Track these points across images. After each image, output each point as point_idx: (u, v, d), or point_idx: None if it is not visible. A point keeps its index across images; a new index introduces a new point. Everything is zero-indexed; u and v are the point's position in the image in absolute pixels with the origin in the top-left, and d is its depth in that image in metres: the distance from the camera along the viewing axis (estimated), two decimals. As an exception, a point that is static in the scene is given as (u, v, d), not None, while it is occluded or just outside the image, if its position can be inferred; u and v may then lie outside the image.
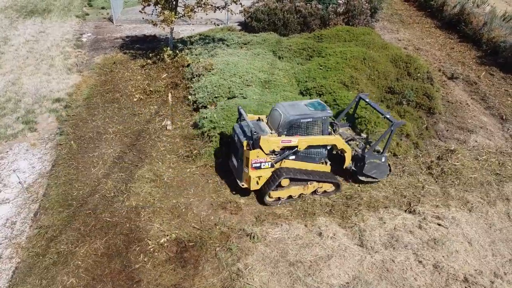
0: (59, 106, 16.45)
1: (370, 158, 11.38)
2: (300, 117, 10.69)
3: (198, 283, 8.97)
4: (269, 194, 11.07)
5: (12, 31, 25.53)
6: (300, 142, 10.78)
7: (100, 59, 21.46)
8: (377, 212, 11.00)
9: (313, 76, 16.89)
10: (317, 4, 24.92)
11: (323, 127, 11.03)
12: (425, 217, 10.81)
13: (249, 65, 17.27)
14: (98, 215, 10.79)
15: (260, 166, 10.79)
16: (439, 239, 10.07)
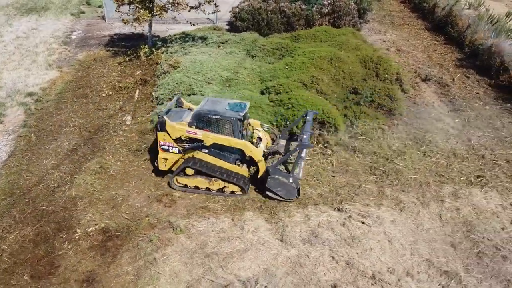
0: (30, 100, 17.14)
1: (275, 174, 11.09)
2: (209, 113, 10.98)
3: (112, 270, 9.36)
4: (176, 179, 11.66)
5: (6, 27, 26.49)
6: (205, 136, 11.10)
7: (83, 56, 22.15)
8: (305, 209, 11.19)
9: (277, 75, 17.12)
10: (301, 5, 25.06)
11: (233, 128, 11.03)
12: (350, 215, 10.94)
13: (215, 64, 17.61)
14: (37, 203, 11.31)
15: (168, 149, 11.48)
16: (357, 237, 10.20)
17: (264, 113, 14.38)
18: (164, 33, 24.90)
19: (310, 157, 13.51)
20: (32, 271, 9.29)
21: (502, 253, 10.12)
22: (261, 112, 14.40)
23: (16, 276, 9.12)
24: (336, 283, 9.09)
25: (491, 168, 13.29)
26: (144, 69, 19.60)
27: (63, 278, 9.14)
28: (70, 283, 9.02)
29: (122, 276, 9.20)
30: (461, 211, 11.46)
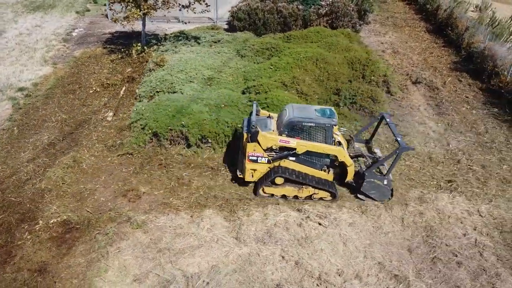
0: (20, 94, 17.65)
1: (370, 177, 11.21)
2: (303, 120, 10.85)
3: (65, 261, 9.62)
4: (263, 189, 11.46)
5: (12, 24, 27.29)
6: (298, 145, 10.90)
7: (79, 53, 22.64)
8: (265, 208, 11.24)
9: (261, 75, 17.20)
10: (298, 5, 25.04)
11: (326, 134, 10.97)
12: (309, 215, 10.95)
13: (200, 63, 17.81)
14: (5, 195, 11.69)
15: (256, 160, 11.21)
16: (310, 237, 10.21)
17: (239, 112, 14.46)
18: (163, 32, 25.20)
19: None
20: (-13, 260, 9.61)
21: (457, 259, 9.98)
22: (236, 111, 14.48)
23: (-31, 264, 9.46)
24: (281, 283, 9.13)
25: (465, 173, 13.08)
26: (135, 66, 19.92)
27: (17, 267, 9.44)
28: (23, 272, 9.30)
29: (74, 267, 9.45)
30: (424, 215, 11.33)
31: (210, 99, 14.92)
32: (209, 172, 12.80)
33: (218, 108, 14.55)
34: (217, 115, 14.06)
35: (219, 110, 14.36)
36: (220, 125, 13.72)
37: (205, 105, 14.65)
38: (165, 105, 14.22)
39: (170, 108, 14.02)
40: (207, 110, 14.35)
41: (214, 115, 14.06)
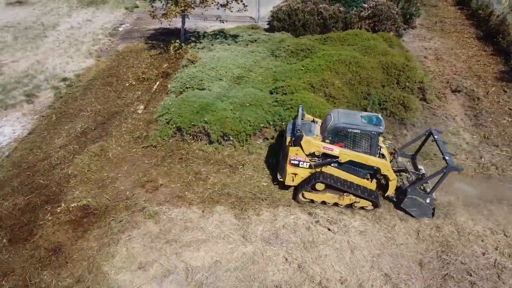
0: (63, 84, 18.74)
1: (412, 194, 10.86)
2: (348, 126, 10.61)
3: (78, 244, 10.14)
4: (303, 194, 11.39)
5: (65, 18, 28.97)
6: (342, 153, 10.73)
7: (122, 47, 23.64)
8: (276, 209, 11.23)
9: (291, 76, 17.15)
10: (340, 7, 24.70)
11: (371, 142, 10.66)
12: (318, 220, 10.81)
13: (231, 61, 18.03)
14: (36, 177, 12.49)
15: (298, 164, 11.09)
16: (316, 242, 10.08)
17: (263, 111, 14.51)
18: (204, 30, 25.66)
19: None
20: (11, 236, 10.33)
21: (471, 279, 9.47)
22: (261, 110, 14.54)
23: (-5, 238, 10.21)
24: (281, 284, 9.10)
25: (494, 190, 12.33)
26: (171, 62, 20.50)
27: (35, 245, 10.07)
28: (40, 251, 9.91)
29: (86, 250, 9.93)
30: (442, 230, 10.84)
31: (236, 97, 15.08)
32: (227, 169, 12.95)
33: (242, 106, 14.67)
34: (240, 114, 14.19)
35: (244, 109, 14.48)
36: (242, 123, 13.83)
37: (230, 103, 14.83)
38: (191, 101, 14.54)
39: (195, 104, 14.32)
40: (231, 108, 14.52)
41: (238, 114, 14.20)
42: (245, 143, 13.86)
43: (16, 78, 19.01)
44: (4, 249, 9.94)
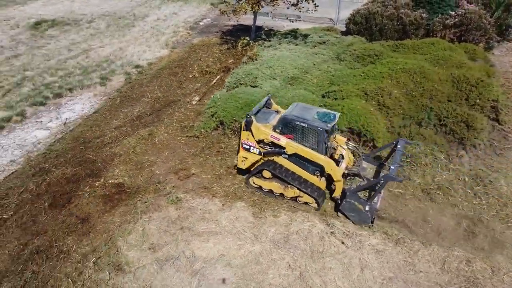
0: (135, 71, 20.27)
1: (351, 199, 10.61)
2: (296, 119, 10.66)
3: (104, 217, 10.98)
4: (253, 180, 11.78)
5: (155, 10, 31.18)
6: (288, 145, 10.82)
7: (197, 41, 24.84)
8: (294, 214, 11.02)
9: (348, 81, 16.62)
10: (423, 13, 23.26)
11: (318, 138, 10.56)
12: (335, 231, 10.39)
13: (290, 61, 17.97)
14: (87, 152, 13.76)
15: (249, 149, 11.43)
16: (324, 253, 9.72)
17: (308, 115, 14.26)
18: (279, 29, 25.83)
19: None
20: (52, 201, 11.54)
21: (491, 324, 8.42)
22: (305, 113, 14.32)
23: (39, 201, 11.48)
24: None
25: (551, 230, 10.78)
26: (236, 58, 21.05)
27: (69, 212, 11.14)
28: (71, 218, 10.94)
29: (108, 224, 10.73)
30: (472, 264, 9.76)
31: (283, 97, 15.03)
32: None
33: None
34: (284, 114, 14.10)
35: (289, 110, 14.37)
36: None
37: (278, 103, 14.78)
38: (237, 97, 14.82)
39: (241, 101, 14.57)
40: (277, 107, 14.49)
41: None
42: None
43: (98, 62, 20.97)
44: (44, 212, 11.13)
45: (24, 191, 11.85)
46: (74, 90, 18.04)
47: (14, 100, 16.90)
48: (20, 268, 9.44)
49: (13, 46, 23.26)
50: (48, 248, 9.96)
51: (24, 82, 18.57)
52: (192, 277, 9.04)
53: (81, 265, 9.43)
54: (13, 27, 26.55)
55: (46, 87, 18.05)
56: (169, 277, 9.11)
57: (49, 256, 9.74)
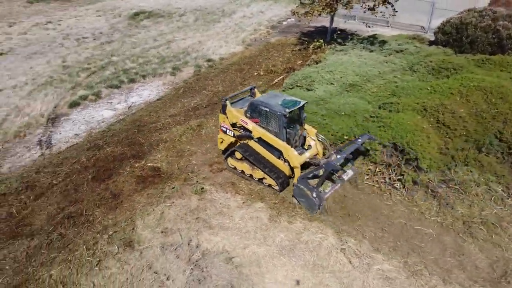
0: (206, 64, 21.25)
1: (301, 184, 10.82)
2: (260, 104, 11.28)
3: (133, 196, 11.77)
4: (228, 160, 12.59)
5: (243, 8, 32.23)
6: (254, 129, 11.58)
7: (274, 40, 25.14)
8: (310, 223, 10.68)
9: (411, 93, 15.57)
10: (525, 27, 20.73)
11: (278, 123, 11.05)
12: (346, 248, 9.85)
13: (354, 68, 17.33)
14: (138, 134, 14.86)
15: (226, 131, 12.47)
16: (327, 268, 9.32)
17: (354, 124, 13.68)
18: (364, 33, 24.90)
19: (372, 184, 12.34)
20: (96, 174, 12.72)
21: None
22: (353, 122, 13.75)
23: (85, 173, 12.74)
24: (267, 295, 8.87)
25: None
26: (305, 60, 20.88)
27: (106, 187, 12.18)
28: (106, 191, 11.95)
29: (134, 203, 11.51)
30: (495, 314, 8.60)
31: (334, 104, 14.60)
32: (292, 171, 12.84)
33: (337, 114, 14.14)
34: (329, 121, 13.73)
35: (335, 117, 13.95)
36: (325, 130, 13.39)
37: (326, 109, 14.45)
38: (286, 98, 14.73)
39: (289, 102, 14.45)
40: (323, 113, 14.15)
41: (327, 120, 13.77)
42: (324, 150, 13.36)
43: (175, 53, 22.38)
44: (86, 183, 12.34)
45: (75, 162, 13.22)
46: (147, 77, 19.48)
47: (95, 81, 18.84)
48: (51, 229, 10.59)
49: (110, 33, 25.83)
50: (78, 216, 11.01)
51: (108, 66, 20.56)
52: (187, 266, 9.32)
53: (99, 236, 10.26)
54: (116, 16, 29.44)
55: (124, 72, 19.76)
56: (168, 262, 9.51)
57: (76, 223, 10.76)
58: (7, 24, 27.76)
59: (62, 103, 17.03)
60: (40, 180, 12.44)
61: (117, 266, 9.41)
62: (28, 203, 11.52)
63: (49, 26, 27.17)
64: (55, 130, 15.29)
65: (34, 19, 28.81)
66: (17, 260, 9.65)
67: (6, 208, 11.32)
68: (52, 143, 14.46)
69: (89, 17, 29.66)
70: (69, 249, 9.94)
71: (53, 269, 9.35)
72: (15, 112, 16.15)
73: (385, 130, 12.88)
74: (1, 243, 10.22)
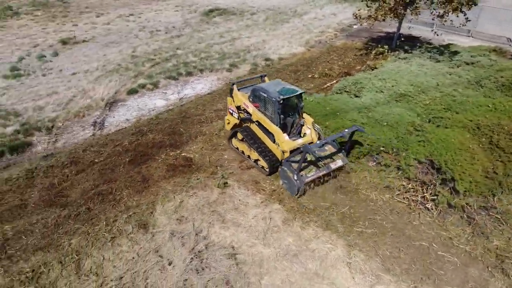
0: (263, 63, 21.47)
1: (285, 166, 11.62)
2: (260, 89, 12.07)
3: (160, 183, 12.30)
4: (232, 140, 13.65)
5: (316, 9, 32.00)
6: (254, 112, 12.49)
7: (339, 44, 24.63)
8: (324, 232, 10.34)
9: (467, 109, 14.38)
10: None
11: (273, 108, 11.70)
12: (352, 263, 9.45)
13: (409, 78, 16.39)
14: (181, 125, 15.51)
15: (232, 113, 13.49)
16: (326, 278, 9.02)
17: (394, 136, 12.98)
18: (440, 42, 23.36)
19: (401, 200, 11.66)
20: (133, 158, 13.55)
21: None
22: (392, 134, 13.07)
23: (124, 156, 13.62)
24: (259, 296, 8.85)
25: None
26: (366, 65, 20.15)
27: (139, 171, 12.91)
28: (138, 174, 12.65)
29: (160, 188, 12.06)
30: None
31: (378, 113, 13.99)
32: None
33: (378, 124, 13.54)
34: (369, 130, 13.19)
35: (376, 126, 13.36)
36: (361, 139, 12.91)
37: (367, 117, 13.91)
38: (328, 103, 14.45)
39: (329, 107, 14.18)
40: (364, 121, 13.64)
41: (366, 129, 13.24)
42: (356, 160, 12.90)
43: (237, 51, 22.91)
44: (122, 165, 13.20)
45: (118, 145, 14.20)
46: (204, 71, 20.20)
47: (156, 71, 19.99)
48: (82, 203, 11.52)
49: (182, 27, 27.17)
50: (108, 194, 11.84)
51: (171, 59, 21.69)
52: (188, 255, 9.58)
53: (120, 214, 10.96)
54: (191, 12, 30.86)
55: (185, 65, 20.71)
56: (174, 248, 9.86)
57: (104, 200, 11.59)
58: (95, 14, 30.48)
59: (122, 90, 18.32)
60: (85, 157, 13.55)
61: (128, 244, 9.96)
62: (70, 177, 12.62)
63: (130, 18, 29.31)
64: (110, 114, 16.52)
65: (120, 11, 31.26)
66: (46, 226, 10.64)
67: (50, 178, 12.51)
68: (104, 125, 15.65)
69: (167, 12, 31.44)
70: (92, 222, 10.72)
71: (74, 239, 10.16)
72: (81, 94, 17.73)
73: (424, 145, 12.04)
74: (39, 209, 11.34)
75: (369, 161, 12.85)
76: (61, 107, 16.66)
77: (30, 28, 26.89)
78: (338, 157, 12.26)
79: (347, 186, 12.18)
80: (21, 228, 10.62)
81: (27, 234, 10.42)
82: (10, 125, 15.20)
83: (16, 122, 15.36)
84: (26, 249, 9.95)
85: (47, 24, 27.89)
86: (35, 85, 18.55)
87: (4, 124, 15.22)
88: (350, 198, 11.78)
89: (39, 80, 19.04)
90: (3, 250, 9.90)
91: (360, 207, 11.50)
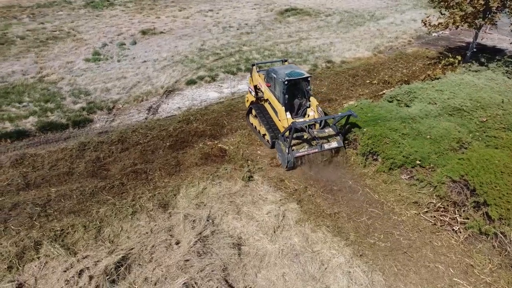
0: (324, 65, 21.29)
1: (279, 140, 12.92)
2: (271, 71, 13.40)
3: (191, 168, 12.92)
4: (249, 116, 15.21)
5: (396, 14, 30.88)
6: (265, 91, 13.92)
7: (411, 51, 23.56)
8: (332, 238, 10.20)
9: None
10: None
11: (279, 88, 12.93)
12: (351, 272, 9.20)
13: (473, 92, 15.17)
14: (225, 118, 16.06)
15: (250, 91, 14.92)
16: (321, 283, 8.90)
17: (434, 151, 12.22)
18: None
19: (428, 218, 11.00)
20: (173, 143, 14.37)
21: None
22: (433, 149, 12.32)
23: (165, 140, 14.50)
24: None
25: None
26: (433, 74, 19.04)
27: (175, 156, 13.66)
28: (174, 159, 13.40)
29: (189, 174, 12.69)
30: None
31: (424, 125, 13.24)
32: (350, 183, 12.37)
33: (421, 136, 12.85)
34: (408, 142, 12.60)
35: (418, 139, 12.68)
36: (396, 148, 12.39)
37: (411, 128, 13.23)
38: (372, 110, 13.99)
39: (370, 114, 13.74)
40: (405, 132, 13.01)
41: (406, 140, 12.67)
42: (388, 171, 12.40)
43: (301, 51, 22.98)
44: (162, 149, 14.10)
45: (164, 130, 15.16)
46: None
47: (217, 65, 20.86)
48: (119, 177, 12.58)
49: (254, 25, 27.85)
50: (142, 173, 12.78)
51: (235, 54, 22.43)
52: (194, 238, 10.03)
53: (147, 192, 11.79)
54: (267, 11, 31.45)
55: (246, 61, 21.29)
56: (184, 230, 10.36)
57: (137, 178, 12.53)
58: (178, 8, 32.46)
59: (182, 79, 19.42)
60: (132, 137, 14.70)
61: (146, 220, 10.71)
62: (114, 153, 13.81)
63: (208, 14, 30.73)
64: (166, 101, 17.64)
65: (201, 6, 32.91)
66: (83, 193, 11.81)
67: (98, 152, 13.81)
68: (158, 111, 16.78)
69: (245, 9, 32.37)
70: (121, 196, 11.69)
71: (102, 208, 11.17)
72: (145, 80, 19.16)
73: (461, 164, 11.16)
74: (82, 178, 12.61)
75: (402, 173, 12.23)
76: (126, 91, 18.15)
77: (119, 18, 29.49)
78: (334, 139, 13.01)
79: (373, 196, 11.75)
80: (63, 192, 11.89)
81: (66, 198, 11.64)
82: (79, 102, 16.95)
83: (84, 101, 17.09)
84: (62, 211, 11.14)
85: (135, 15, 30.36)
86: (109, 69, 20.41)
87: (75, 101, 17.02)
88: (373, 208, 11.37)
89: (114, 65, 20.90)
90: (44, 209, 11.19)
91: (380, 219, 11.08)
